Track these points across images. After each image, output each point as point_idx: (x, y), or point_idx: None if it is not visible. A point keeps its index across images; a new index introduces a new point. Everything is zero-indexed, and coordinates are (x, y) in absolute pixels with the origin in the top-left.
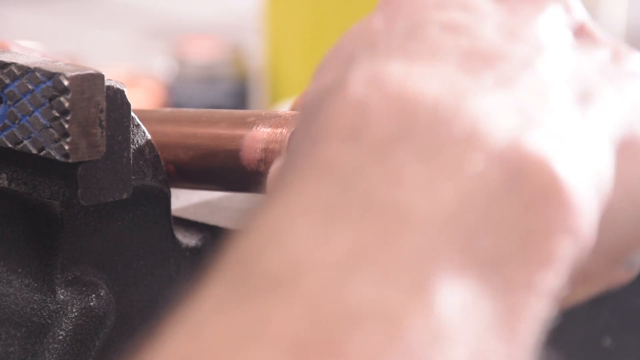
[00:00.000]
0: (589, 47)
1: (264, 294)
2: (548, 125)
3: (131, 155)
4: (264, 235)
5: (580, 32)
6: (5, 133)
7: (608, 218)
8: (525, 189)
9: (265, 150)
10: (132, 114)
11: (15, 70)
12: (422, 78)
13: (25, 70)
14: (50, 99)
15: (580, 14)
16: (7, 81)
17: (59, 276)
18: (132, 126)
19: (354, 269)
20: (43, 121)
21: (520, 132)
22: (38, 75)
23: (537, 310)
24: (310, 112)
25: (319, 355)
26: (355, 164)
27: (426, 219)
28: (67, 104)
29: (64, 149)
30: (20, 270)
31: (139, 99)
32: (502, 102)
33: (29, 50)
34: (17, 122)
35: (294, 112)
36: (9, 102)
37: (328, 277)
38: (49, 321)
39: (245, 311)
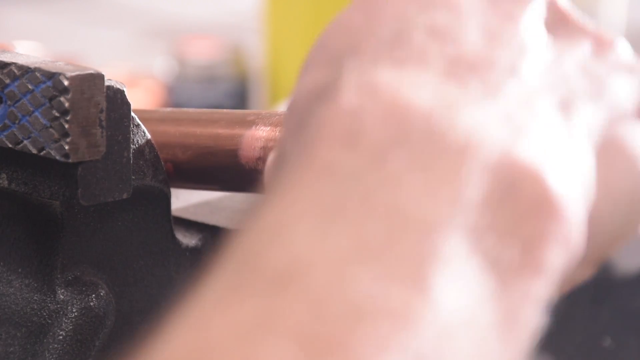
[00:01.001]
0: (571, 41)
1: (269, 289)
2: (536, 135)
3: (131, 155)
4: (266, 233)
5: (562, 22)
6: (5, 133)
7: (590, 222)
8: (519, 199)
9: (264, 148)
10: (132, 113)
11: (15, 70)
12: (413, 88)
13: (25, 70)
14: (50, 99)
15: (562, 2)
16: (7, 81)
17: (59, 276)
18: (132, 126)
19: (357, 265)
20: (43, 121)
21: (511, 144)
22: (38, 75)
23: (531, 316)
24: (301, 114)
25: (326, 349)
26: (352, 168)
27: (425, 220)
28: (67, 104)
29: (64, 149)
30: (20, 270)
31: (139, 99)
32: (491, 112)
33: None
34: (17, 122)
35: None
36: (9, 102)
37: (331, 273)
38: (49, 321)
39: (251, 305)
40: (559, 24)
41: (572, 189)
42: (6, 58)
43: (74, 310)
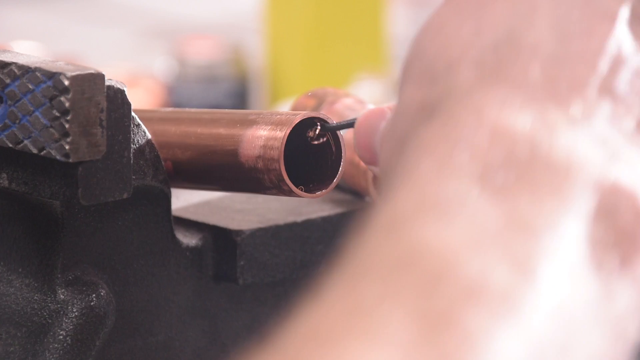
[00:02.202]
0: None
1: (387, 274)
2: (629, 160)
3: (132, 155)
4: (383, 228)
5: None
6: (5, 133)
7: None
8: (618, 217)
9: (264, 147)
10: (133, 113)
11: (16, 70)
12: (516, 113)
13: (26, 70)
14: (51, 99)
15: None
16: (8, 81)
17: (59, 276)
18: (132, 126)
19: (470, 252)
20: (43, 121)
21: (608, 166)
22: (38, 75)
23: (631, 327)
24: (404, 131)
25: (438, 324)
26: (459, 182)
27: (534, 224)
28: (67, 104)
29: (65, 148)
30: (20, 270)
31: (139, 99)
32: (587, 136)
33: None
34: (17, 121)
35: (296, 112)
36: (9, 102)
37: (446, 257)
38: (50, 321)
39: (372, 287)
40: None
41: None
42: (6, 58)
43: (75, 310)
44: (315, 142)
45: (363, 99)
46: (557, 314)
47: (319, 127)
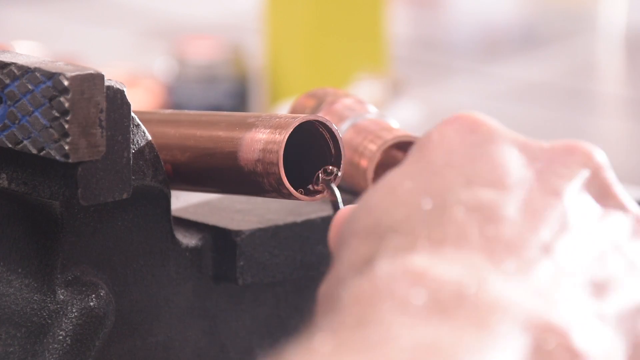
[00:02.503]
0: (612, 217)
1: None
2: (563, 306)
3: (131, 155)
4: None
5: (605, 195)
6: (5, 133)
7: None
8: (551, 356)
9: (263, 150)
10: (132, 114)
11: (15, 70)
12: (446, 266)
13: (25, 71)
14: (50, 99)
15: (606, 174)
16: (7, 81)
17: (59, 276)
18: (132, 126)
19: None
20: (43, 121)
21: (539, 309)
22: (38, 75)
23: None
24: (343, 278)
25: None
26: (380, 319)
27: (453, 351)
28: (67, 104)
29: (64, 149)
30: (20, 270)
31: (139, 99)
32: (520, 286)
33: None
34: (17, 122)
35: (295, 115)
36: (9, 102)
37: None
38: (49, 321)
39: None
40: (601, 197)
41: (597, 349)
42: (6, 58)
43: (74, 311)
44: (317, 186)
45: (363, 99)
46: None
47: (335, 174)
